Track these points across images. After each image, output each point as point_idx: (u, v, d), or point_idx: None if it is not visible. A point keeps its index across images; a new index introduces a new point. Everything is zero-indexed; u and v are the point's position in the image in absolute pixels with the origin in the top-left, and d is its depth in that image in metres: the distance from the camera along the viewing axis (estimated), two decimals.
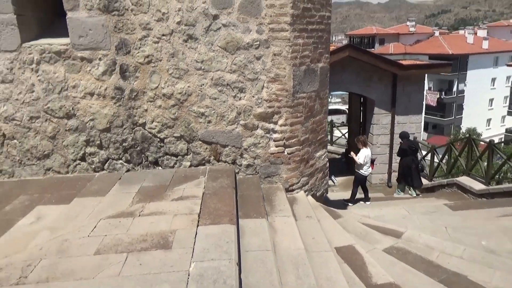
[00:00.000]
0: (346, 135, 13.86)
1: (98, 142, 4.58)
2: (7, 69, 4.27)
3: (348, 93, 12.41)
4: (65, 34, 4.35)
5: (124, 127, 4.57)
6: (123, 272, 2.65)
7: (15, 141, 4.49)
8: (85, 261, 2.79)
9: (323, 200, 5.68)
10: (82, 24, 4.22)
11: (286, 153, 4.82)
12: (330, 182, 8.66)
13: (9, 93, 4.34)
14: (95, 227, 3.29)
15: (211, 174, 4.51)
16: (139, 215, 3.50)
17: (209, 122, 4.64)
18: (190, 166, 4.77)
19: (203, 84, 4.53)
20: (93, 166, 4.65)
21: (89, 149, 4.59)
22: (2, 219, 3.55)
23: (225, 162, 4.79)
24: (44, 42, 4.31)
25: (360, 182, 8.21)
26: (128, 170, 4.70)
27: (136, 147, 4.65)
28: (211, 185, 4.17)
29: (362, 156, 7.89)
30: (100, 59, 4.34)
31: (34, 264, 2.77)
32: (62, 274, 2.65)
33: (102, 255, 2.86)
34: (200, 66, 4.47)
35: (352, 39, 53.01)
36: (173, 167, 4.75)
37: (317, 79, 5.01)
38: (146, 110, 4.55)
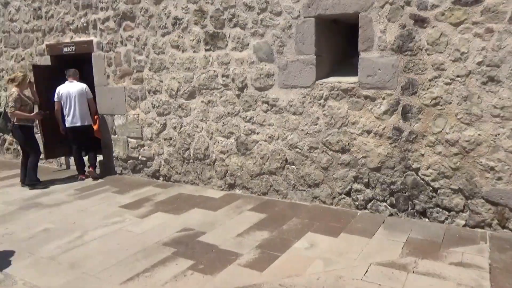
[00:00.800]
0: None
1: (366, 180, 4.54)
2: (300, 102, 4.79)
3: None
4: (351, 73, 4.56)
5: (395, 169, 4.37)
6: None
7: (294, 166, 4.97)
8: None
9: None
10: (372, 64, 4.31)
11: None
12: None
13: (297, 123, 4.85)
14: (367, 271, 3.16)
15: (494, 242, 3.73)
16: (413, 271, 3.16)
17: (499, 179, 3.89)
18: (465, 225, 4.11)
19: (499, 134, 3.85)
20: (357, 203, 4.63)
21: (356, 186, 4.61)
22: (281, 238, 3.90)
23: None
24: (334, 80, 4.63)
25: None
26: (391, 215, 4.45)
27: (404, 192, 4.36)
28: (499, 257, 3.42)
29: None
30: (383, 98, 4.32)
31: None
32: None
33: None
34: (499, 113, 3.82)
35: None
36: (443, 222, 4.20)
37: None
38: (422, 155, 4.21)
